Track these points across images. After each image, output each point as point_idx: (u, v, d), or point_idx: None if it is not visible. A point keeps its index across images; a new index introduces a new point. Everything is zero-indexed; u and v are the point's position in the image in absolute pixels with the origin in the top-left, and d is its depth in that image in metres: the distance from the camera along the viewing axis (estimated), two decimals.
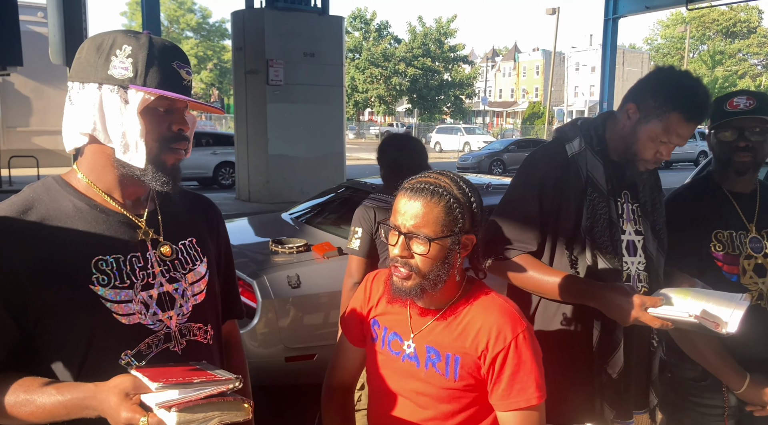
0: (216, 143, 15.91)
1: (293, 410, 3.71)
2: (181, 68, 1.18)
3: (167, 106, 1.18)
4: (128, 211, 1.24)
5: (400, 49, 40.55)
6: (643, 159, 1.73)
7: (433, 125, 39.53)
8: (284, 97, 11.43)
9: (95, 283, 1.14)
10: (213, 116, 37.76)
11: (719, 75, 43.91)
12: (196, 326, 1.28)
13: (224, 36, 51.93)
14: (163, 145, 1.18)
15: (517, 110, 63.06)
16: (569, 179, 1.75)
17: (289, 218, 4.79)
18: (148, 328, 1.19)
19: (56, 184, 1.22)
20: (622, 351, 1.73)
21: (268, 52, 11.24)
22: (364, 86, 40.22)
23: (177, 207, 1.35)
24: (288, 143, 11.54)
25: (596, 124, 1.85)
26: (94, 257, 1.16)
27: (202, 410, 0.98)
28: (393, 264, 1.34)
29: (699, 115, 1.67)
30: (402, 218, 1.31)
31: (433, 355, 1.36)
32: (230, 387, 1.03)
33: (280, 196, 11.19)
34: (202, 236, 1.36)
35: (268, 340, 3.45)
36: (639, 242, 1.81)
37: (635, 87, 1.78)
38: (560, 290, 1.68)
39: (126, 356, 1.16)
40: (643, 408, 1.86)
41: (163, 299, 1.22)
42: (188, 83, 1.19)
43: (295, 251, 3.75)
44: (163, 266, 1.24)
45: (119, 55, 1.15)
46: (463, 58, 42.79)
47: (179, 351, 1.23)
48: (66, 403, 1.06)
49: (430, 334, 1.38)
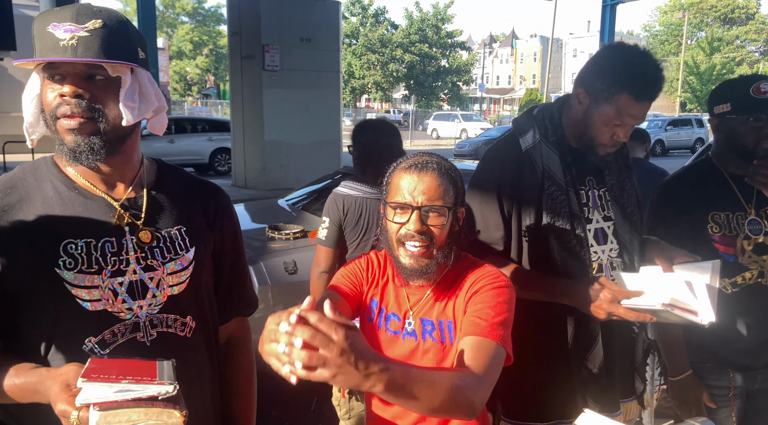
0: (212, 129, 15.84)
1: (290, 395, 3.72)
2: (57, 28, 1.08)
3: (53, 74, 1.11)
4: (108, 194, 1.21)
5: (397, 35, 40.28)
6: (600, 144, 1.69)
7: (430, 112, 39.38)
8: (280, 82, 11.36)
9: (61, 266, 1.12)
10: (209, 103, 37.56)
11: (717, 62, 43.79)
12: (170, 317, 1.22)
13: (220, 21, 51.59)
14: (52, 116, 1.12)
15: (514, 96, 62.88)
16: (525, 175, 1.71)
17: (286, 204, 4.78)
18: (114, 316, 1.15)
19: (44, 165, 1.22)
20: (601, 344, 1.70)
21: (264, 37, 11.15)
22: (360, 72, 40.01)
23: (170, 193, 1.30)
24: (284, 129, 11.50)
25: (552, 111, 1.79)
26: (64, 240, 1.13)
27: (126, 412, 0.92)
28: (408, 241, 1.33)
29: (650, 93, 1.60)
30: (411, 194, 1.33)
31: (429, 326, 1.39)
32: (161, 392, 0.96)
33: (276, 182, 11.16)
34: (196, 225, 1.30)
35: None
36: (609, 228, 1.77)
37: (583, 70, 1.72)
38: (531, 289, 1.66)
39: (90, 343, 1.13)
40: (630, 396, 1.85)
41: (135, 287, 1.18)
42: (69, 42, 1.08)
43: (292, 238, 3.75)
44: (140, 253, 1.19)
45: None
46: (460, 45, 42.56)
47: (147, 342, 1.18)
48: (21, 386, 1.07)
49: (424, 308, 1.40)
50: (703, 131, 25.34)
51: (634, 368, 1.85)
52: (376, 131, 2.77)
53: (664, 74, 1.64)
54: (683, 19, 44.75)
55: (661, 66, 1.64)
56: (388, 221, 1.37)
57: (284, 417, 3.55)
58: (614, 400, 1.78)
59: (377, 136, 2.75)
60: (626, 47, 1.67)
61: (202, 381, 1.30)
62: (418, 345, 1.39)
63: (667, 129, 25.14)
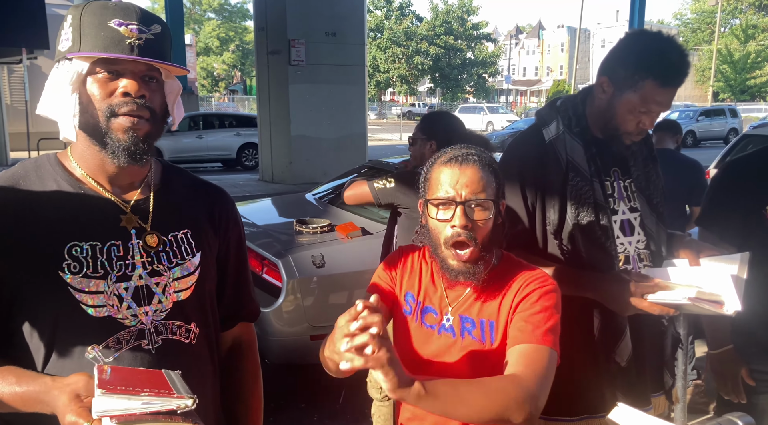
0: (239, 125, 16.02)
1: (318, 387, 3.76)
2: (123, 26, 1.06)
3: (110, 69, 1.08)
4: (115, 196, 1.16)
5: (422, 28, 40.10)
6: (625, 132, 1.66)
7: (455, 105, 39.15)
8: (306, 77, 11.40)
9: (65, 270, 1.07)
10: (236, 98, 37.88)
11: (752, 50, 42.59)
12: (175, 324, 1.17)
13: (246, 17, 51.91)
14: (107, 113, 1.08)
15: (541, 88, 62.12)
16: (549, 165, 1.69)
17: (313, 198, 4.81)
18: (119, 322, 1.10)
19: (48, 163, 1.17)
20: (629, 337, 1.68)
21: (290, 32, 11.19)
22: (385, 66, 39.94)
23: (177, 196, 1.26)
24: (310, 123, 11.54)
25: (575, 103, 1.77)
26: (69, 243, 1.08)
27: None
28: (458, 248, 1.30)
29: (675, 78, 1.57)
30: (454, 188, 1.29)
31: (468, 324, 1.36)
32: (181, 406, 0.92)
33: (303, 177, 11.22)
34: (201, 229, 1.26)
35: (294, 319, 3.49)
36: (635, 219, 1.75)
37: (606, 59, 1.70)
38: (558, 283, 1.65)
39: (93, 350, 1.09)
40: (659, 391, 1.82)
41: (140, 292, 1.13)
42: (136, 41, 1.07)
43: (319, 231, 3.77)
44: (146, 258, 1.15)
45: (65, 27, 1.09)
46: (486, 36, 42.20)
47: (152, 349, 1.14)
48: (22, 395, 1.01)
49: (464, 304, 1.38)
50: (737, 121, 24.73)
51: (663, 362, 1.82)
52: (454, 120, 2.80)
53: (690, 60, 1.61)
54: (716, 6, 43.59)
55: (686, 52, 1.61)
56: (431, 219, 1.33)
57: (313, 409, 3.58)
58: (644, 395, 1.75)
59: (456, 124, 2.77)
60: (649, 33, 1.65)
61: (206, 389, 1.25)
62: (455, 341, 1.37)
63: (698, 120, 24.59)
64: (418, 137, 2.76)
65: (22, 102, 16.11)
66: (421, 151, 2.76)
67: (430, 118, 2.84)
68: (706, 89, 43.81)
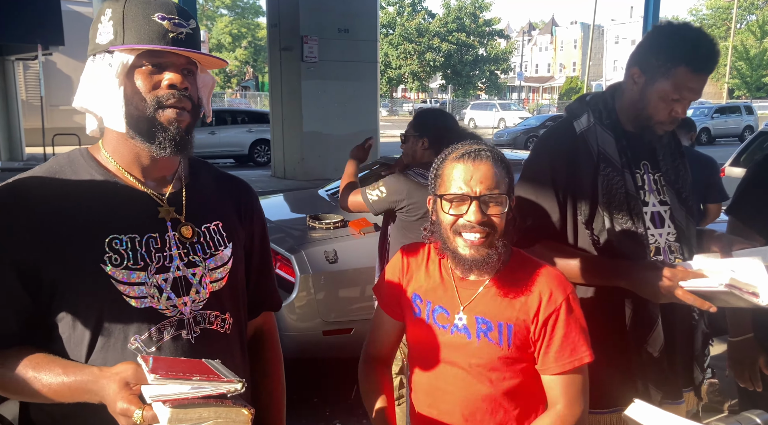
0: (251, 121, 16.09)
1: (331, 383, 3.78)
2: (165, 20, 1.09)
3: (155, 62, 1.10)
4: (150, 189, 1.18)
5: (434, 24, 39.97)
6: (658, 122, 1.67)
7: (467, 101, 39.03)
8: (318, 74, 11.42)
9: (107, 262, 1.09)
10: (248, 95, 38.00)
11: None
12: (212, 313, 1.20)
13: (258, 13, 52.04)
14: (155, 104, 1.09)
15: (553, 85, 61.77)
16: (580, 156, 1.70)
17: (325, 194, 4.82)
18: (160, 313, 1.12)
19: (81, 157, 1.18)
20: (661, 327, 1.67)
21: (303, 28, 11.21)
22: (397, 62, 39.87)
23: (206, 189, 1.28)
24: (322, 120, 11.56)
25: (605, 97, 1.79)
26: (109, 236, 1.10)
27: (197, 410, 0.91)
28: (466, 232, 1.31)
29: (706, 64, 1.60)
30: (468, 184, 1.30)
31: (484, 325, 1.36)
32: (231, 389, 0.94)
33: (315, 173, 11.25)
34: (230, 221, 1.28)
35: (306, 314, 3.50)
36: (666, 212, 1.75)
37: (635, 50, 1.73)
38: (588, 273, 1.64)
39: (136, 341, 1.11)
40: (689, 386, 1.80)
41: (179, 283, 1.15)
42: (178, 35, 1.10)
43: (332, 227, 3.78)
44: (182, 249, 1.17)
45: (103, 20, 1.11)
46: (498, 33, 41.97)
47: (192, 339, 1.16)
48: (70, 385, 1.03)
49: (479, 305, 1.37)
50: (752, 118, 24.43)
51: (693, 356, 1.80)
52: (445, 117, 2.79)
53: (719, 49, 1.64)
54: (732, 2, 43.09)
55: (715, 40, 1.64)
56: (444, 214, 1.33)
57: (325, 404, 3.60)
58: (676, 388, 1.74)
59: (448, 121, 2.76)
60: (678, 24, 1.68)
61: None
62: (470, 343, 1.37)
63: (713, 117, 24.33)
64: (410, 134, 2.76)
65: (37, 98, 16.28)
66: (413, 148, 2.75)
67: (422, 115, 2.82)
68: (722, 86, 43.32)
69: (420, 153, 2.75)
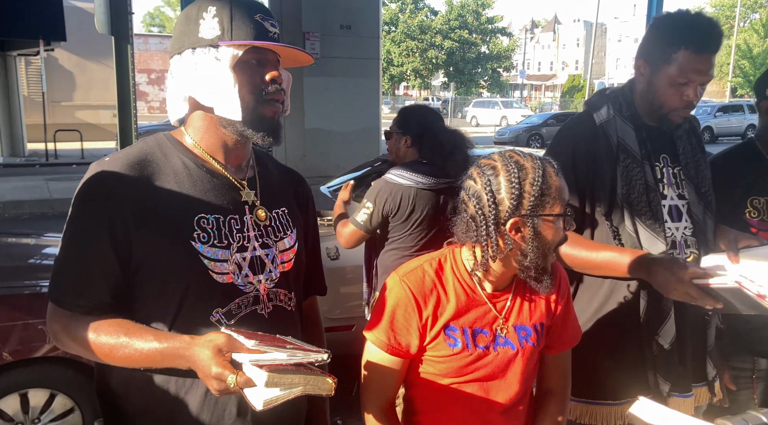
0: None
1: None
2: (265, 21, 1.20)
3: (258, 58, 1.20)
4: (231, 174, 1.27)
5: (436, 22, 39.90)
6: (672, 109, 1.67)
7: (469, 99, 38.99)
8: (321, 70, 11.40)
9: (196, 239, 1.17)
10: None
11: None
12: (282, 292, 1.30)
13: None
14: (259, 96, 1.20)
15: (556, 83, 61.70)
16: (600, 147, 1.71)
17: (327, 191, 4.82)
18: (239, 289, 1.21)
19: (168, 141, 1.26)
20: (674, 320, 1.68)
21: (305, 24, 11.20)
22: (399, 60, 39.81)
23: (273, 177, 1.38)
24: (324, 116, 11.55)
25: (624, 90, 1.80)
26: (197, 215, 1.19)
27: (289, 375, 0.98)
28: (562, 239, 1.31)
29: (708, 43, 1.59)
30: (564, 200, 1.29)
31: (524, 332, 1.38)
32: (318, 359, 1.02)
33: (317, 169, 11.23)
34: (293, 208, 1.39)
35: None
36: (683, 206, 1.75)
37: (639, 45, 1.75)
38: (607, 265, 1.64)
39: (217, 313, 1.19)
40: (701, 381, 1.80)
41: (255, 262, 1.24)
42: (274, 35, 1.21)
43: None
44: (257, 231, 1.26)
45: (206, 17, 1.19)
46: (501, 30, 41.92)
47: (266, 315, 1.25)
48: (163, 350, 1.09)
49: (515, 313, 1.38)
50: (755, 117, 24.36)
51: (706, 351, 1.81)
52: (428, 114, 2.74)
53: (722, 29, 1.64)
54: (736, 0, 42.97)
55: (716, 20, 1.63)
56: (555, 231, 1.26)
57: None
58: (686, 381, 1.74)
59: (431, 117, 2.72)
60: (676, 11, 1.69)
61: None
62: (516, 353, 1.37)
63: (716, 115, 24.29)
64: (393, 131, 2.74)
65: (39, 94, 16.27)
66: (397, 145, 2.73)
67: (405, 112, 2.79)
68: (724, 85, 43.23)
69: (403, 151, 2.72)
